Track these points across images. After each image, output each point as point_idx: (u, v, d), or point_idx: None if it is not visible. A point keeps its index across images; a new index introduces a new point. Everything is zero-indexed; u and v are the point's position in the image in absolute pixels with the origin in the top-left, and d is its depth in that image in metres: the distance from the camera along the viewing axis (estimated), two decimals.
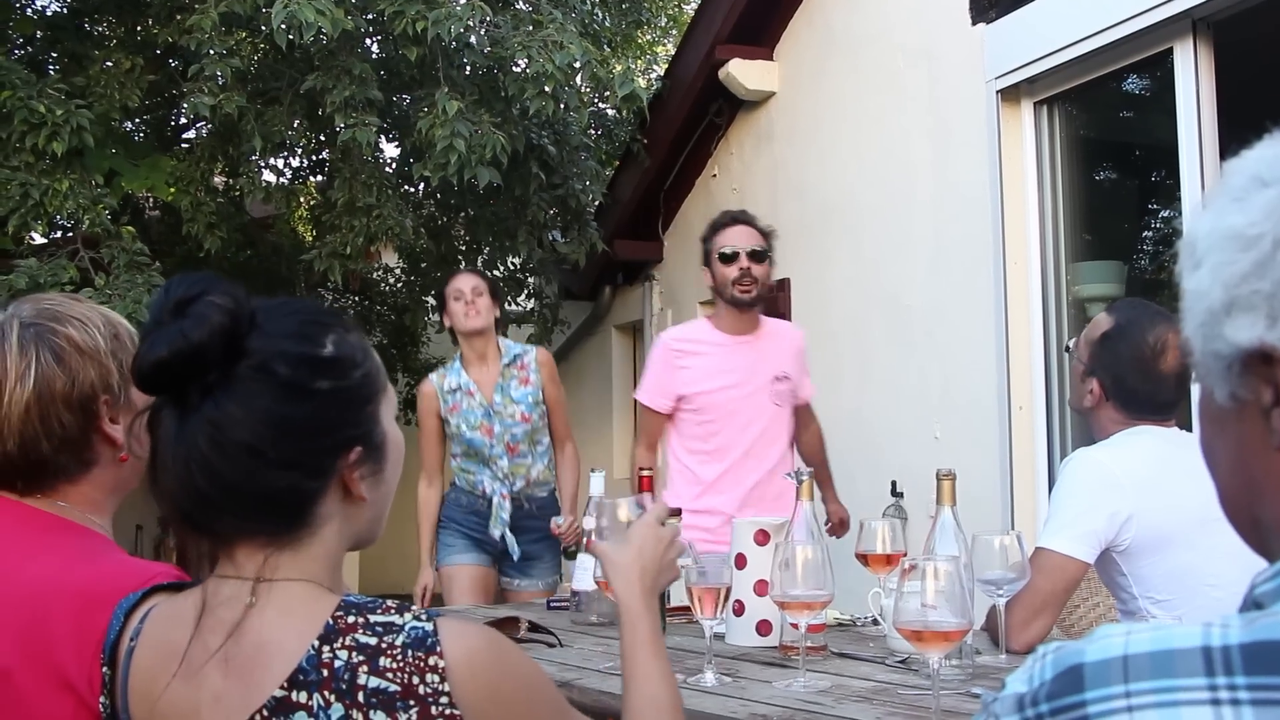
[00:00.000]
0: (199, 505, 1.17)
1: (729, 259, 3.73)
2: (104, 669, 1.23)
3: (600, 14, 9.54)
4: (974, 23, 4.90)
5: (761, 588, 2.31)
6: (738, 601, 2.43)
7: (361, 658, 1.11)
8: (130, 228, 6.49)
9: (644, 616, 1.49)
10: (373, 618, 1.13)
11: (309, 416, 1.18)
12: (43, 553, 1.45)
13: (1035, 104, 4.74)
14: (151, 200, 8.11)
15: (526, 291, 8.69)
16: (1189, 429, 2.41)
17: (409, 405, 10.26)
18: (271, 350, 1.17)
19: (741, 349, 3.78)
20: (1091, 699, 0.67)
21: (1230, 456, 0.80)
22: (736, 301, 3.73)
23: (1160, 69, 4.22)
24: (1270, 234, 0.73)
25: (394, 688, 1.09)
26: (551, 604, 3.14)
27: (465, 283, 4.41)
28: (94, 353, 1.52)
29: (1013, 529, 2.49)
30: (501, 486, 4.33)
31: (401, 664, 1.10)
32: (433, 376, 4.44)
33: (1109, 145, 5.36)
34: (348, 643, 1.11)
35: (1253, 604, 0.72)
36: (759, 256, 3.75)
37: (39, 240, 7.02)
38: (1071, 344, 2.69)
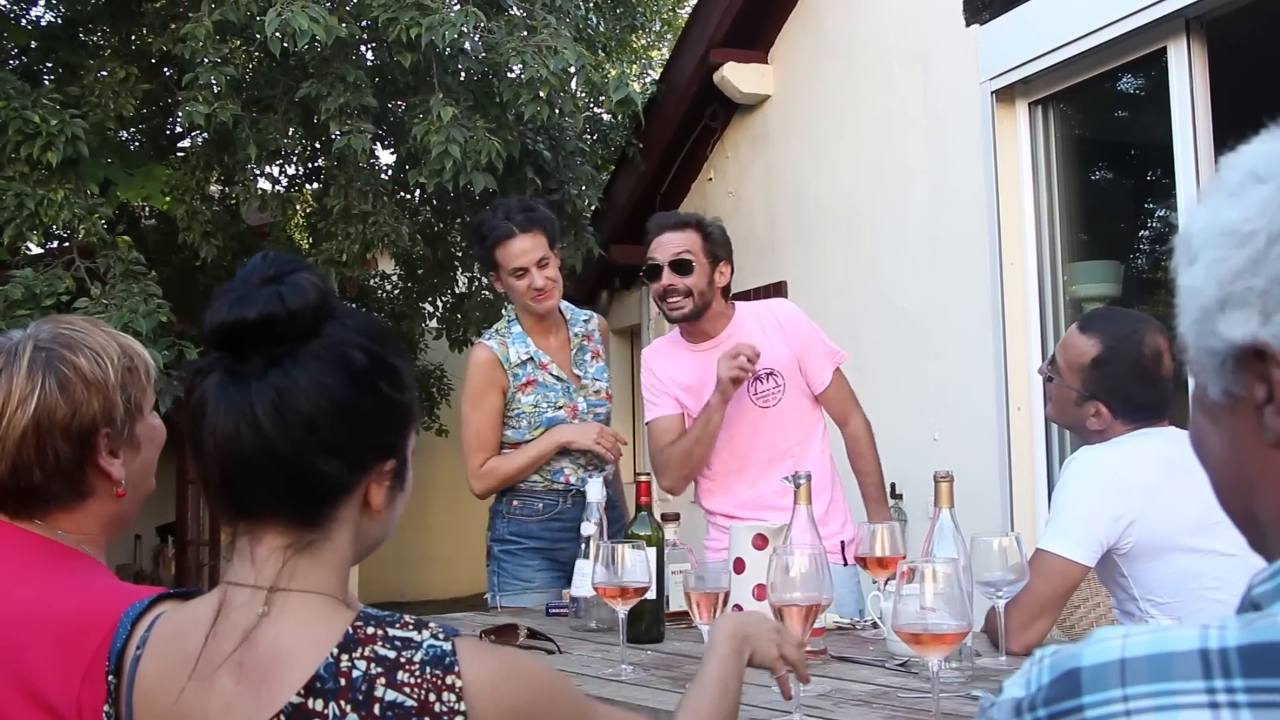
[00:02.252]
0: (240, 471, 1.16)
1: (652, 274, 3.26)
2: (109, 678, 1.22)
3: (594, 19, 9.56)
4: (968, 24, 4.91)
5: (760, 592, 2.31)
6: (736, 606, 2.42)
7: (380, 670, 1.10)
8: (126, 237, 6.50)
9: (714, 656, 1.55)
10: (391, 631, 1.13)
11: (369, 410, 1.20)
12: (30, 577, 1.44)
13: (1030, 104, 4.74)
14: (147, 209, 8.12)
15: None
16: (1183, 425, 2.39)
17: None
18: (348, 339, 1.19)
19: (710, 354, 3.24)
20: (1089, 703, 0.66)
21: (1224, 451, 0.80)
22: (669, 319, 3.31)
23: (1154, 68, 4.22)
24: (1265, 230, 0.72)
25: (410, 703, 1.09)
26: (551, 610, 3.14)
27: (522, 251, 3.37)
28: (101, 385, 1.51)
29: (1012, 530, 2.48)
30: (586, 473, 3.40)
31: (419, 680, 1.10)
32: (490, 343, 3.45)
33: (1104, 145, 5.37)
34: (366, 654, 1.11)
35: (1250, 605, 0.71)
36: (682, 267, 3.21)
37: (35, 250, 7.02)
38: (1045, 366, 2.64)
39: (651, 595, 2.46)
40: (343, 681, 1.10)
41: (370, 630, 1.13)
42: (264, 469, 1.15)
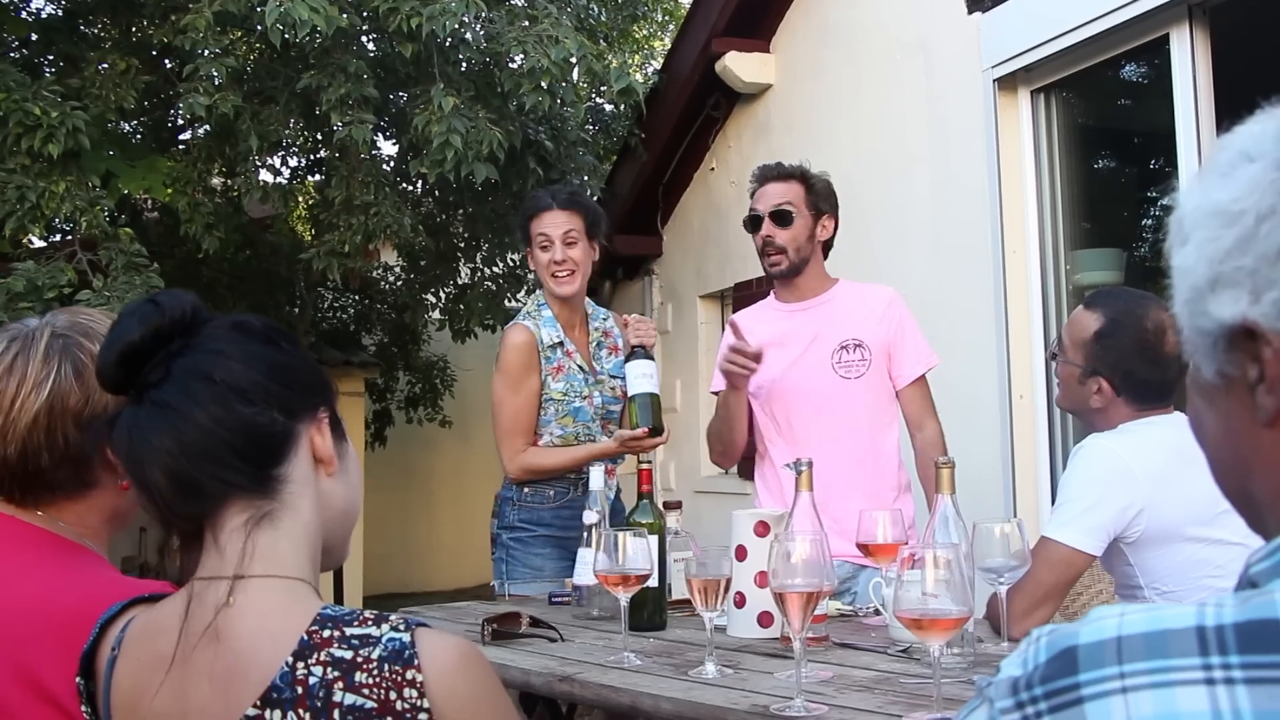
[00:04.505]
0: (183, 463, 1.15)
1: (752, 225, 3.24)
2: (78, 679, 1.22)
3: (596, 8, 9.54)
4: (970, 11, 4.89)
5: (762, 579, 2.31)
6: (738, 593, 2.43)
7: (336, 674, 1.08)
8: (128, 229, 6.48)
9: None
10: (349, 630, 1.11)
11: (280, 360, 1.22)
12: (33, 571, 1.45)
13: (1032, 92, 4.73)
14: (149, 201, 8.11)
15: (526, 287, 8.69)
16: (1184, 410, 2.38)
17: (412, 402, 10.36)
18: (234, 318, 1.23)
19: (798, 315, 3.25)
20: (1085, 681, 0.66)
21: (1219, 432, 0.80)
22: (769, 275, 3.29)
23: (1157, 55, 4.21)
24: (1253, 209, 0.72)
25: (370, 704, 1.07)
26: (553, 599, 3.14)
27: (553, 225, 3.41)
28: None
29: (1014, 517, 2.48)
30: (603, 462, 3.26)
31: (378, 679, 1.08)
32: (526, 323, 3.46)
33: (1107, 132, 5.35)
34: (322, 658, 1.09)
35: (1247, 583, 0.71)
36: (783, 218, 3.19)
37: (37, 243, 7.02)
38: (1054, 346, 2.64)
39: (653, 583, 2.47)
40: (299, 690, 1.08)
41: (326, 633, 1.11)
42: (205, 447, 1.15)
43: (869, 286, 3.35)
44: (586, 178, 7.94)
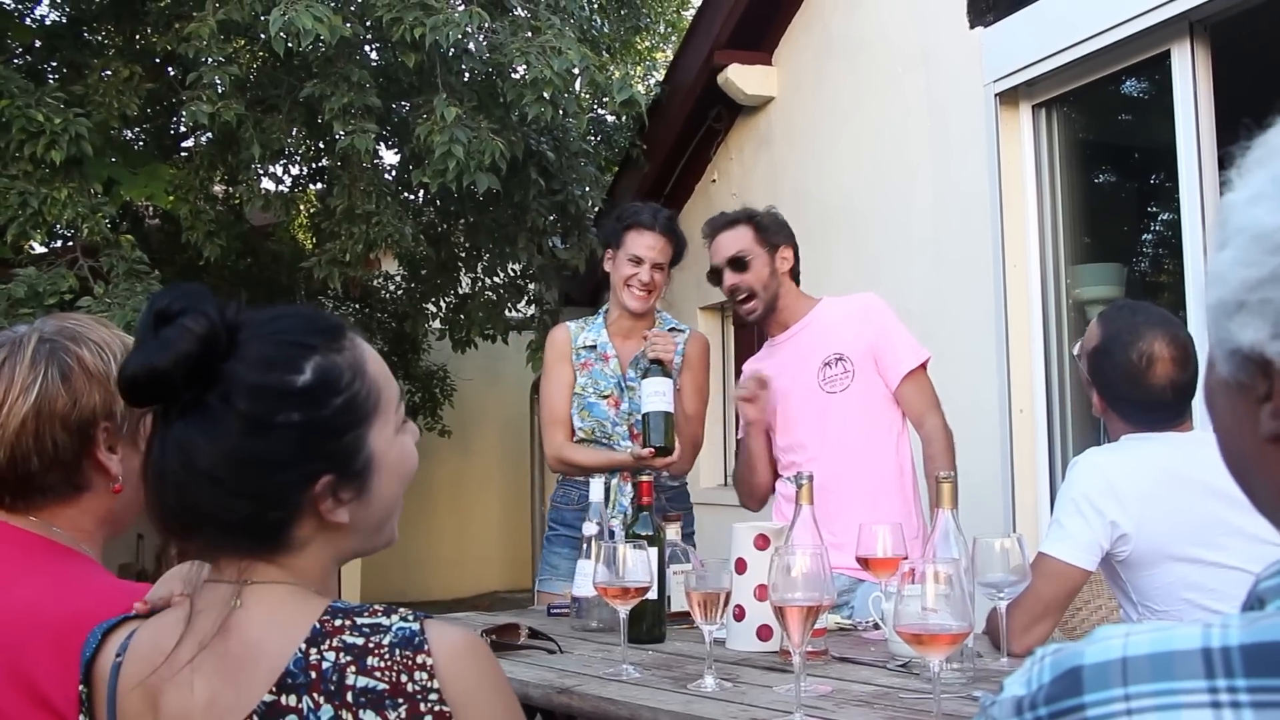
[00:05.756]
0: (175, 519, 1.18)
1: (714, 279, 3.36)
2: (80, 687, 1.22)
3: (599, 20, 9.56)
4: (972, 26, 4.90)
5: (762, 592, 2.31)
6: (738, 607, 2.42)
7: (349, 658, 1.11)
8: (129, 236, 6.49)
9: None
10: (360, 619, 1.14)
11: (268, 451, 1.15)
12: (28, 576, 1.45)
13: (1034, 107, 4.74)
14: (151, 209, 8.12)
15: (527, 298, 8.69)
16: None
17: (411, 412, 10.33)
18: (240, 380, 1.15)
19: (785, 345, 3.32)
20: (1090, 702, 0.66)
21: (1226, 420, 0.79)
22: (746, 323, 3.40)
23: (1158, 71, 4.22)
24: None
25: (382, 686, 1.10)
26: (552, 610, 3.14)
27: (649, 248, 3.56)
28: (103, 378, 1.51)
29: (1014, 532, 2.47)
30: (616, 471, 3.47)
31: (389, 663, 1.11)
32: (571, 324, 3.76)
33: (1107, 148, 5.36)
34: (335, 644, 1.12)
35: (1255, 599, 0.71)
36: (740, 264, 3.27)
37: (38, 249, 7.02)
38: (1077, 349, 2.67)
39: (653, 595, 2.46)
40: (313, 675, 1.11)
41: (338, 622, 1.14)
42: (192, 521, 1.17)
43: (848, 299, 3.36)
44: (588, 188, 7.95)
